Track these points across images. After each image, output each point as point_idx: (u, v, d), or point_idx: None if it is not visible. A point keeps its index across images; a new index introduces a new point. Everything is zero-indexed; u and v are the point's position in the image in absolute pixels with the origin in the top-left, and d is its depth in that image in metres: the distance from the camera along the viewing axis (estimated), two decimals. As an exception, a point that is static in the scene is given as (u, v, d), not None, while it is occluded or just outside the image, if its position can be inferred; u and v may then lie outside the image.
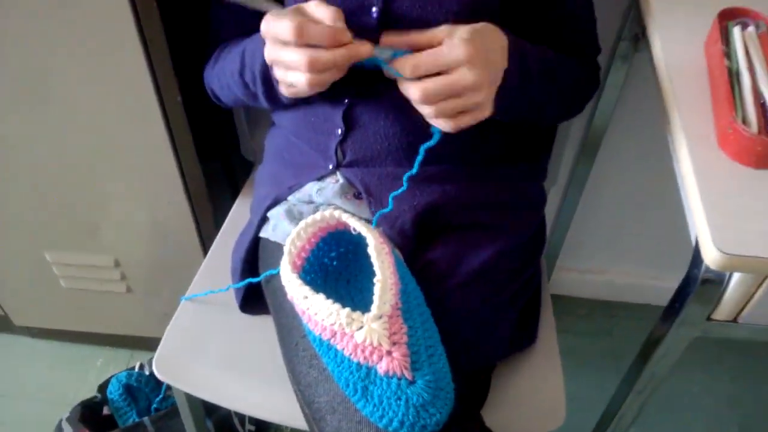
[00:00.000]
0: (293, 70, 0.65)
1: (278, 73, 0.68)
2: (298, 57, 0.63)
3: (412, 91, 0.64)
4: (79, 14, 0.82)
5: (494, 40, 0.68)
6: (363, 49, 0.63)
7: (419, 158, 0.69)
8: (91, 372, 1.42)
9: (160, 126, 0.94)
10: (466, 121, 0.66)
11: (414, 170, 0.69)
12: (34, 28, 0.84)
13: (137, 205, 1.09)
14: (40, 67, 0.89)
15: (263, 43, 0.68)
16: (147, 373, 1.24)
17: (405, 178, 0.70)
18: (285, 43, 0.64)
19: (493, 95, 0.67)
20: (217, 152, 1.18)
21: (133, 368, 1.24)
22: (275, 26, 0.64)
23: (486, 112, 0.67)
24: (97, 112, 0.94)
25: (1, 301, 1.36)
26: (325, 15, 0.63)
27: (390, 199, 0.72)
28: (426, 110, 0.65)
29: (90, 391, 1.26)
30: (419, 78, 0.63)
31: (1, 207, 1.11)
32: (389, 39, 0.67)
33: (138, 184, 1.05)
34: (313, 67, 0.63)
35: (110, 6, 0.81)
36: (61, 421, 1.19)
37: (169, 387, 1.17)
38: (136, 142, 0.98)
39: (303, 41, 0.62)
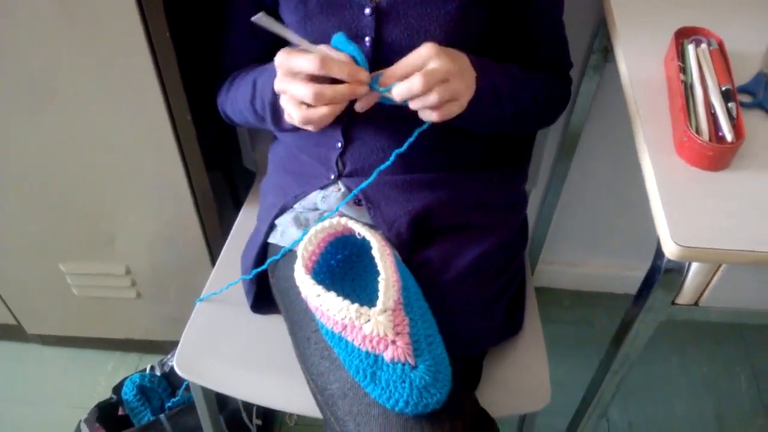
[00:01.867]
0: (299, 100, 0.72)
1: (283, 102, 0.75)
2: (305, 90, 0.70)
3: (396, 91, 0.70)
4: (92, 39, 0.88)
5: (463, 58, 0.75)
6: (361, 89, 0.71)
7: (411, 140, 0.75)
8: (102, 376, 1.47)
9: (170, 142, 1.00)
10: (449, 109, 0.72)
11: (403, 149, 0.76)
12: (50, 49, 0.89)
13: (148, 215, 1.15)
14: (56, 87, 0.94)
15: (275, 75, 0.75)
16: (159, 374, 1.29)
17: (393, 154, 0.77)
18: (295, 76, 0.71)
19: (469, 90, 0.74)
20: (220, 162, 1.24)
21: (145, 370, 1.29)
22: (295, 60, 0.70)
23: (464, 99, 0.73)
24: (111, 129, 1.00)
25: (15, 311, 1.40)
26: (340, 56, 0.71)
27: (375, 173, 0.79)
28: (416, 104, 0.71)
29: (102, 395, 1.30)
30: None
31: (17, 221, 1.17)
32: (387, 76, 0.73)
33: (149, 196, 1.11)
34: (318, 100, 0.70)
35: (122, 29, 0.86)
36: (80, 422, 1.24)
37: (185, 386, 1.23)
38: (148, 157, 1.04)
39: (325, 73, 0.69)
